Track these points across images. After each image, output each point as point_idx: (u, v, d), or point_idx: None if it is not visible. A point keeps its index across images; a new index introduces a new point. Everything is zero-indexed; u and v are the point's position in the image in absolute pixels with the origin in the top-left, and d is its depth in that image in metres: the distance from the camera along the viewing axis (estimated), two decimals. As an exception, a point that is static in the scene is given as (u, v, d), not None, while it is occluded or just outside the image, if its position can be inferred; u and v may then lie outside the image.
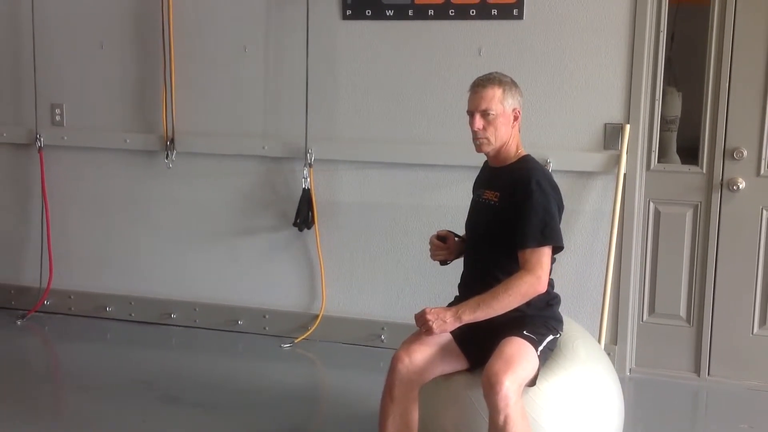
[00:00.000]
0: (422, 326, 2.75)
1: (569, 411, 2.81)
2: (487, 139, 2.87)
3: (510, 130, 2.90)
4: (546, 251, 2.78)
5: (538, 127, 4.06)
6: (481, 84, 2.89)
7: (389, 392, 2.76)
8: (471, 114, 2.89)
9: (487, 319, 2.79)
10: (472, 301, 2.74)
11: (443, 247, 3.08)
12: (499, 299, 2.72)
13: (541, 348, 2.77)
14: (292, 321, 4.60)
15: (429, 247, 3.11)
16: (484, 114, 2.85)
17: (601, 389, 2.95)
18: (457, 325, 2.74)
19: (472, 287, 2.91)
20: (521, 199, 2.79)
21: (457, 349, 2.85)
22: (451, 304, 3.01)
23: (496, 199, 2.90)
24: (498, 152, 2.93)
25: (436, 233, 3.11)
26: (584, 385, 2.89)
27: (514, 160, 2.95)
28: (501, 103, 2.86)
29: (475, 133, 2.88)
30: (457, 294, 3.08)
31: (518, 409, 2.59)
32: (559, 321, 2.95)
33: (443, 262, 3.13)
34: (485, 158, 3.07)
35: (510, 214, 2.82)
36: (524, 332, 2.76)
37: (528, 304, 2.80)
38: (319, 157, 4.40)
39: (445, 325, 2.73)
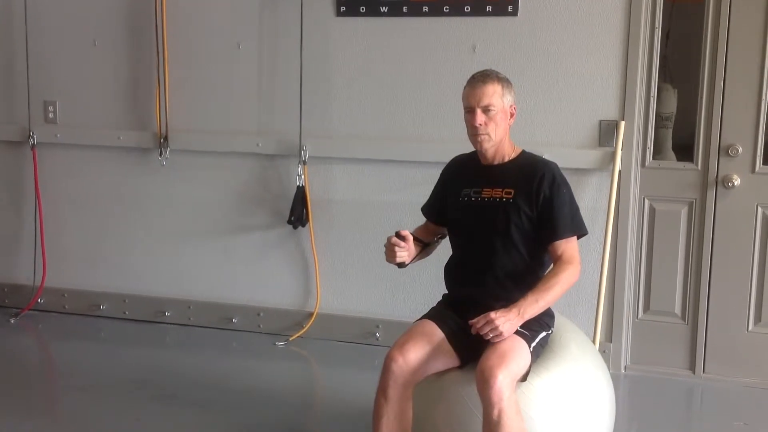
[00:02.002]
0: (491, 331, 2.65)
1: (560, 406, 2.81)
2: (488, 135, 2.87)
3: (506, 126, 2.92)
4: (576, 240, 2.88)
5: (533, 123, 4.05)
6: (481, 79, 2.88)
7: (383, 392, 2.75)
8: (471, 110, 2.87)
9: (479, 315, 2.80)
10: (530, 298, 2.73)
11: (405, 247, 2.90)
12: (553, 292, 2.76)
13: (533, 344, 2.78)
14: (286, 319, 4.59)
15: (385, 249, 2.92)
16: (486, 109, 2.84)
17: (592, 385, 2.95)
18: (521, 323, 2.71)
19: (473, 286, 2.92)
20: (549, 193, 2.84)
21: (449, 347, 2.84)
22: (440, 303, 3.06)
23: (508, 196, 2.88)
24: (496, 149, 2.93)
25: (395, 233, 2.91)
26: (575, 382, 2.89)
27: (513, 156, 2.97)
28: (501, 98, 2.87)
29: (476, 129, 2.86)
30: (446, 293, 3.09)
31: (512, 403, 2.59)
32: (551, 317, 2.97)
33: (401, 265, 2.93)
34: (453, 156, 3.16)
35: (531, 209, 2.85)
36: (518, 328, 2.75)
37: (520, 299, 2.81)
38: (314, 154, 4.39)
39: (513, 327, 2.68)
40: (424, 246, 3.06)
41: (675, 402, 3.92)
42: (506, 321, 2.66)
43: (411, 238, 2.92)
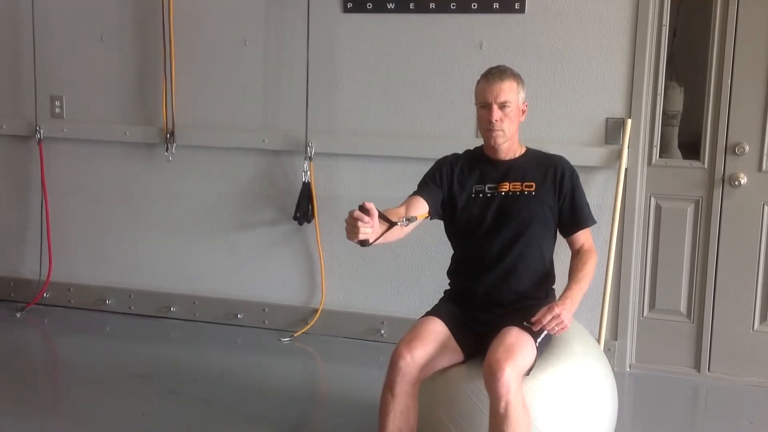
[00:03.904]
0: (558, 325, 2.74)
1: (562, 401, 2.82)
2: (503, 131, 2.88)
3: (518, 123, 2.95)
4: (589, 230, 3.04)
5: (540, 121, 4.05)
6: (498, 75, 2.89)
7: (390, 389, 2.74)
8: (487, 105, 2.87)
9: (486, 311, 2.91)
10: (575, 287, 2.84)
11: (369, 222, 2.48)
12: (588, 280, 2.91)
13: (539, 339, 2.80)
14: (291, 315, 4.60)
15: (346, 225, 2.51)
16: (502, 106, 2.86)
17: (594, 382, 2.97)
18: (574, 310, 2.81)
19: (490, 281, 2.93)
20: (571, 185, 2.96)
21: (454, 344, 2.86)
22: (443, 300, 3.07)
23: (530, 189, 2.92)
24: (509, 145, 2.95)
25: (358, 206, 2.49)
26: (577, 378, 2.91)
27: (522, 151, 3.01)
28: (516, 95, 2.90)
29: (492, 125, 2.87)
30: (448, 288, 3.10)
31: (519, 396, 2.61)
32: None
33: (364, 243, 2.52)
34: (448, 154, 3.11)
35: (554, 201, 2.94)
36: (524, 323, 2.78)
37: (531, 293, 2.92)
38: (320, 150, 4.39)
39: (571, 317, 2.79)
40: (390, 226, 2.66)
41: (680, 400, 3.92)
42: (568, 312, 2.75)
43: (376, 213, 2.52)
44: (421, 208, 2.86)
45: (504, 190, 2.94)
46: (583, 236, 3.00)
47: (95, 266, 4.91)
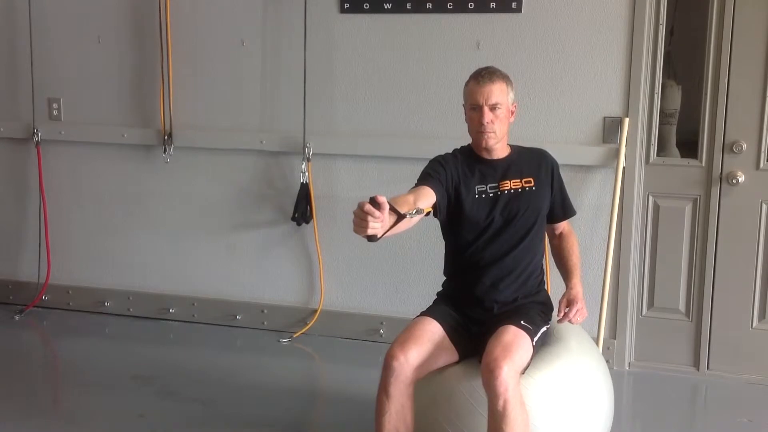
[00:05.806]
0: (581, 318, 2.91)
1: (559, 399, 2.83)
2: (494, 132, 2.89)
3: (509, 123, 2.96)
4: None
5: (537, 120, 4.05)
6: (488, 77, 2.89)
7: (385, 390, 2.74)
8: (478, 108, 2.87)
9: (483, 312, 2.93)
10: (577, 272, 3.05)
11: (380, 217, 2.37)
12: (580, 259, 3.12)
13: (536, 338, 2.81)
14: (290, 316, 4.60)
15: (354, 218, 2.41)
16: (493, 108, 2.87)
17: (590, 380, 2.97)
18: None
19: (499, 279, 2.93)
20: (558, 177, 3.07)
21: (449, 344, 2.85)
22: (437, 301, 3.07)
23: (529, 185, 2.96)
24: (500, 145, 2.96)
25: (369, 199, 2.37)
26: (574, 376, 2.91)
27: (511, 149, 3.04)
28: (507, 96, 2.92)
29: (484, 127, 2.87)
30: (440, 290, 3.10)
31: (517, 394, 2.62)
32: (550, 308, 3.01)
33: (372, 238, 2.41)
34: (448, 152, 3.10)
35: (550, 193, 3.03)
36: (521, 322, 2.79)
37: (531, 288, 2.97)
38: (318, 151, 4.39)
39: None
40: (399, 219, 2.53)
41: (679, 398, 3.92)
42: (583, 300, 2.92)
43: (387, 207, 2.40)
44: (429, 199, 2.78)
45: (506, 188, 2.94)
46: (566, 222, 3.16)
47: (94, 268, 4.91)
